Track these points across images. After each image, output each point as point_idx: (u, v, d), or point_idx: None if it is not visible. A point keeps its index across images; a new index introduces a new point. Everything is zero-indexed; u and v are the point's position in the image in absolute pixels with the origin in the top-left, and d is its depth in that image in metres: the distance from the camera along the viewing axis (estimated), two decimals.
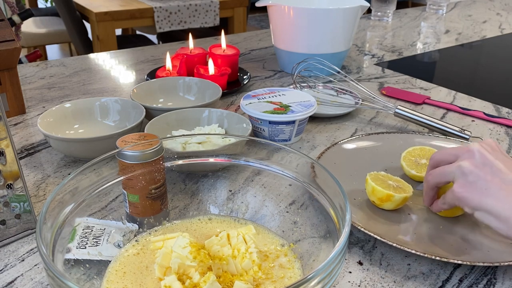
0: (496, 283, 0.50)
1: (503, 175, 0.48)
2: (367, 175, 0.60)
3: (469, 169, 0.49)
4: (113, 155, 0.51)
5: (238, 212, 0.56)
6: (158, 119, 0.74)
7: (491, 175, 0.48)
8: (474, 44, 1.44)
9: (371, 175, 0.60)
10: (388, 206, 0.58)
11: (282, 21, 1.05)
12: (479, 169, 0.49)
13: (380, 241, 0.56)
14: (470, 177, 0.49)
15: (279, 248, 0.50)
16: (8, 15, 2.01)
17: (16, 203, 0.53)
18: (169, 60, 0.98)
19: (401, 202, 0.58)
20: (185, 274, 0.43)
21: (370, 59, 1.26)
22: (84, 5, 2.43)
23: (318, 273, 0.36)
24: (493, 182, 0.48)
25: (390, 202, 0.58)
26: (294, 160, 0.53)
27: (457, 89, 1.04)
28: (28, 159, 0.72)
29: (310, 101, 0.79)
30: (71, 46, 3.55)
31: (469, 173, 0.49)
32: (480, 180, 0.48)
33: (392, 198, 0.57)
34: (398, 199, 0.57)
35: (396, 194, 0.57)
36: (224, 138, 0.62)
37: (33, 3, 3.88)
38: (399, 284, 0.50)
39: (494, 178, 0.48)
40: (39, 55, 1.67)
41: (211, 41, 1.39)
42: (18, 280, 0.50)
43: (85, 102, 0.80)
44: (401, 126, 0.85)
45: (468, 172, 0.49)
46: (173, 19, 2.52)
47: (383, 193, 0.57)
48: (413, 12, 1.88)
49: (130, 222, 0.53)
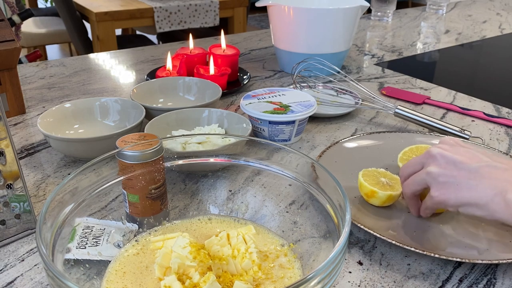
0: (496, 283, 0.50)
1: (466, 165, 0.50)
2: (362, 170, 0.61)
3: (436, 172, 0.51)
4: (113, 155, 0.51)
5: (238, 212, 0.56)
6: (158, 119, 0.74)
7: (457, 170, 0.50)
8: (474, 44, 1.44)
9: (366, 171, 0.61)
10: (374, 202, 0.59)
11: (282, 21, 1.05)
12: (444, 169, 0.51)
13: (380, 241, 0.56)
14: (440, 178, 0.51)
15: (279, 248, 0.50)
16: (8, 15, 2.01)
17: (16, 203, 0.53)
18: (169, 60, 0.98)
19: (387, 199, 0.59)
20: (185, 274, 0.43)
21: (370, 59, 1.26)
22: (84, 5, 2.43)
23: (318, 273, 0.36)
24: (461, 175, 0.50)
25: (374, 198, 0.59)
26: (294, 160, 0.53)
27: (457, 89, 1.04)
28: (28, 159, 0.72)
29: (310, 101, 0.79)
30: (71, 46, 3.55)
31: (437, 175, 0.51)
32: (449, 178, 0.50)
33: (376, 194, 0.58)
34: (383, 196, 0.58)
35: (380, 191, 0.58)
36: (224, 138, 0.62)
37: (33, 3, 3.89)
38: (399, 284, 0.50)
39: (460, 171, 0.50)
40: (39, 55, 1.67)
41: (211, 41, 1.39)
42: (18, 280, 0.49)
43: (85, 102, 0.80)
44: (401, 126, 0.85)
45: (437, 175, 0.51)
46: (173, 19, 2.52)
47: (368, 189, 0.59)
48: (413, 12, 1.88)
49: (130, 222, 0.53)
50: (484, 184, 0.48)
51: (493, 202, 0.47)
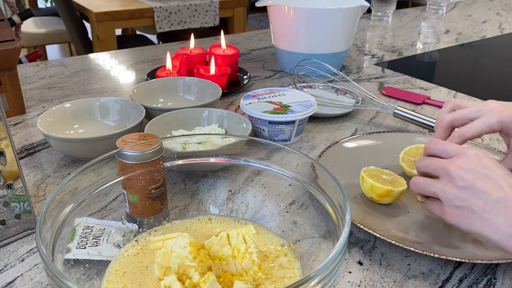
0: (496, 283, 0.50)
1: (484, 195, 0.46)
2: (362, 172, 0.61)
3: (452, 194, 0.48)
4: (113, 155, 0.51)
5: (238, 212, 0.56)
6: (158, 119, 0.74)
7: (474, 198, 0.46)
8: (474, 44, 1.44)
9: (366, 171, 0.61)
10: (387, 200, 0.59)
11: (282, 21, 1.05)
12: (461, 193, 0.47)
13: (380, 241, 0.56)
14: (455, 202, 0.48)
15: (279, 248, 0.50)
16: (8, 15, 2.01)
17: (16, 203, 0.53)
18: (169, 60, 0.98)
19: (399, 196, 0.59)
20: (185, 274, 0.43)
21: (370, 59, 1.26)
22: (84, 5, 2.43)
23: (318, 273, 0.36)
24: (477, 204, 0.46)
25: (389, 197, 0.59)
26: (294, 160, 0.53)
27: (457, 89, 1.04)
28: (28, 159, 0.72)
29: (310, 101, 0.79)
30: (71, 46, 3.55)
31: (452, 198, 0.48)
32: (464, 204, 0.47)
33: (392, 193, 0.58)
34: (397, 193, 0.59)
35: (395, 188, 0.58)
36: (224, 138, 0.61)
37: (33, 3, 3.88)
38: (399, 284, 0.50)
39: (477, 200, 0.46)
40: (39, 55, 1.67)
41: (211, 41, 1.39)
42: (18, 280, 0.49)
43: (85, 102, 0.80)
44: (401, 126, 0.85)
45: (452, 197, 0.48)
46: (173, 19, 2.52)
47: (383, 189, 0.58)
48: (413, 12, 1.88)
49: (130, 222, 0.53)
50: (499, 221, 0.45)
51: (508, 240, 0.44)
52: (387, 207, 0.60)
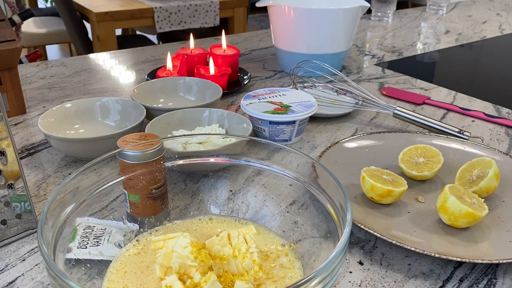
0: (497, 283, 0.50)
1: None
2: (363, 172, 0.61)
3: None
4: (114, 155, 0.51)
5: (238, 212, 0.56)
6: (158, 119, 0.74)
7: None
8: (474, 45, 1.44)
9: (366, 171, 0.61)
10: (388, 200, 0.59)
11: (282, 21, 1.05)
12: None
13: (381, 241, 0.56)
14: None
15: (280, 248, 0.50)
16: (8, 15, 2.01)
17: (17, 203, 0.53)
18: (169, 60, 0.98)
19: (400, 196, 0.60)
20: (186, 274, 0.43)
21: (370, 60, 1.26)
22: (84, 5, 2.43)
23: (319, 273, 0.36)
24: None
25: (390, 197, 0.59)
26: (294, 160, 0.53)
27: (457, 89, 1.04)
28: (29, 159, 0.73)
29: (311, 101, 0.79)
30: (71, 46, 3.55)
31: None
32: None
33: (392, 193, 0.58)
34: (398, 193, 0.59)
35: (395, 188, 0.58)
36: (224, 138, 0.62)
37: (33, 3, 3.89)
38: (399, 284, 0.50)
39: None
40: (39, 55, 1.67)
41: (211, 41, 1.39)
42: (19, 280, 0.50)
43: (85, 102, 0.80)
44: (401, 127, 0.85)
45: None
46: (173, 19, 2.52)
47: (383, 189, 0.58)
48: (413, 12, 1.88)
49: (131, 222, 0.53)
50: None
51: None
52: (388, 207, 0.60)
